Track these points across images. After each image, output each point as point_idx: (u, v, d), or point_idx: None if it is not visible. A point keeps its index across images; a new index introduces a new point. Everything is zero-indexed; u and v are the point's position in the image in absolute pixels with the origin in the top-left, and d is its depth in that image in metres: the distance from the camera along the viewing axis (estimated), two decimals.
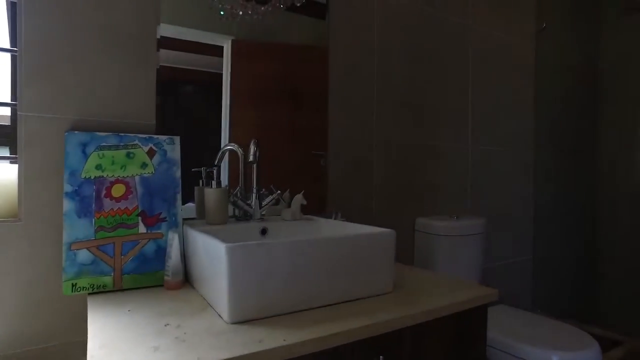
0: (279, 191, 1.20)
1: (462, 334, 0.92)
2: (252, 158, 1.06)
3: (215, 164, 1.25)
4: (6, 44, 0.96)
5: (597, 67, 2.53)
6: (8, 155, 0.97)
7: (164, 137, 1.06)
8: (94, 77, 1.03)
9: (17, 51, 0.95)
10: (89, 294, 0.91)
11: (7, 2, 0.96)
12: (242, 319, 0.74)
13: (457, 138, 1.82)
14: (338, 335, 0.70)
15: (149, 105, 1.10)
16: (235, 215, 1.20)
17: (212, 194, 1.08)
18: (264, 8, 1.23)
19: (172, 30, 1.14)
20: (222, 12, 1.17)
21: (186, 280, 1.00)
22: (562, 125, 2.33)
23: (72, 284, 0.89)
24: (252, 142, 1.09)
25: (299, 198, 1.22)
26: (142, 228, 0.99)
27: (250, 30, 1.26)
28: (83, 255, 0.91)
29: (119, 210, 0.97)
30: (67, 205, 0.91)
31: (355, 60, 1.50)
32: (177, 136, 1.07)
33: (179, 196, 1.05)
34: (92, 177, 0.95)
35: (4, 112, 0.97)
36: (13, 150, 0.97)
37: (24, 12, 0.95)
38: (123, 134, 1.01)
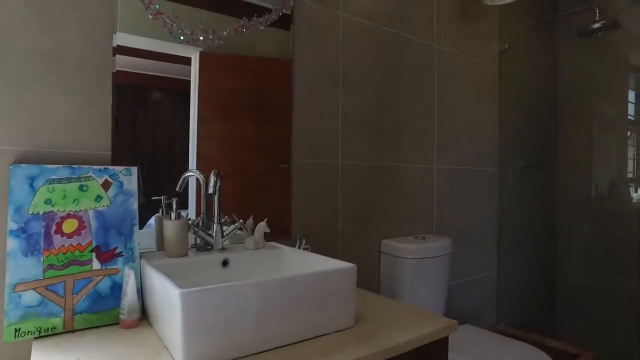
0: (241, 220, 1.18)
1: None
2: (211, 190, 1.04)
3: (177, 189, 1.22)
4: None
5: (556, 85, 2.64)
6: None
7: (121, 167, 1.02)
8: (42, 106, 0.98)
9: None
10: (35, 338, 0.86)
11: None
12: None
13: (422, 157, 1.85)
14: None
15: (104, 134, 1.06)
16: (196, 244, 1.17)
17: (171, 227, 1.06)
18: (226, 32, 1.22)
19: (138, 41, 1.11)
20: (181, 37, 1.14)
21: (144, 317, 0.97)
22: (526, 142, 2.41)
23: (15, 329, 0.85)
24: (212, 173, 1.07)
25: (262, 226, 1.21)
26: (96, 264, 0.95)
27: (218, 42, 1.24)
28: (29, 296, 0.87)
29: (71, 247, 0.93)
30: (11, 244, 0.87)
31: (319, 79, 1.50)
32: (134, 166, 1.04)
33: (136, 229, 1.01)
34: (41, 213, 0.91)
35: None
36: None
37: None
38: (76, 166, 0.97)
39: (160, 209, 1.16)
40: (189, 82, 1.21)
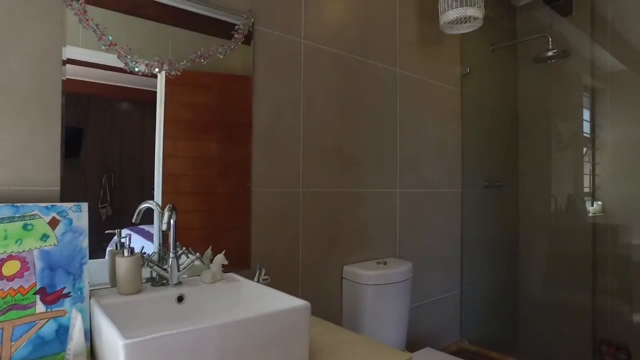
0: (198, 254, 1.16)
1: None
2: (165, 227, 1.02)
3: (133, 221, 1.19)
4: None
5: (516, 106, 2.74)
6: None
7: (70, 204, 0.99)
8: None
9: None
10: None
11: None
12: None
13: (385, 182, 1.87)
14: None
15: (52, 169, 1.03)
16: (152, 278, 1.15)
17: (123, 264, 1.03)
18: (183, 63, 1.21)
19: (104, 56, 1.09)
20: (137, 69, 1.12)
21: (93, 359, 0.93)
22: (487, 162, 2.48)
23: None
24: (166, 208, 1.05)
25: (220, 258, 1.19)
26: (40, 307, 0.91)
27: (184, 58, 1.24)
28: None
29: (12, 291, 0.88)
30: None
31: (280, 107, 1.50)
32: (85, 202, 1.01)
33: (86, 267, 0.98)
34: None
35: None
36: None
37: None
38: (20, 204, 0.93)
39: (115, 243, 1.13)
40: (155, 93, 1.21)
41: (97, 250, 1.12)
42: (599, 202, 2.53)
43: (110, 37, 1.08)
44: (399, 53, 1.93)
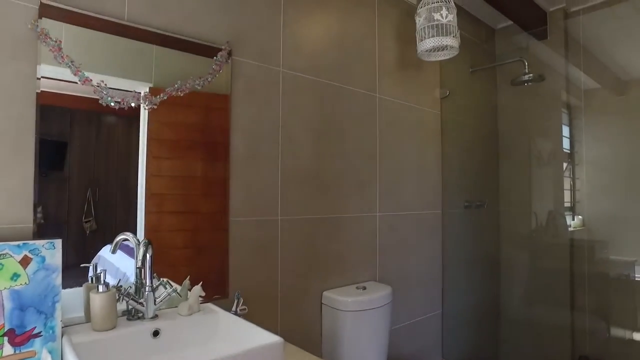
0: (175, 287, 1.16)
1: None
2: (139, 264, 1.02)
3: (110, 252, 1.19)
4: None
5: (496, 126, 2.80)
6: None
7: (43, 241, 0.98)
8: None
9: None
10: None
11: None
12: None
13: (364, 206, 1.88)
14: None
15: (23, 207, 1.02)
16: (128, 311, 1.14)
17: (97, 300, 1.02)
18: (159, 96, 1.22)
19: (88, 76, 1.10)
20: (112, 104, 1.13)
21: None
22: (468, 182, 2.53)
23: None
24: (141, 243, 1.05)
25: (197, 290, 1.19)
26: (8, 349, 0.90)
27: (168, 76, 1.25)
28: None
29: None
30: None
31: (258, 136, 1.51)
32: (59, 239, 1.00)
33: (59, 305, 0.97)
34: None
35: None
36: None
37: None
38: None
39: (90, 277, 1.13)
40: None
41: (78, 265, 1.11)
42: (579, 217, 2.59)
43: (86, 74, 1.08)
44: (378, 78, 1.96)
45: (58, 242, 1.00)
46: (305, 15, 1.66)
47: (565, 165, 2.70)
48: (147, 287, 1.11)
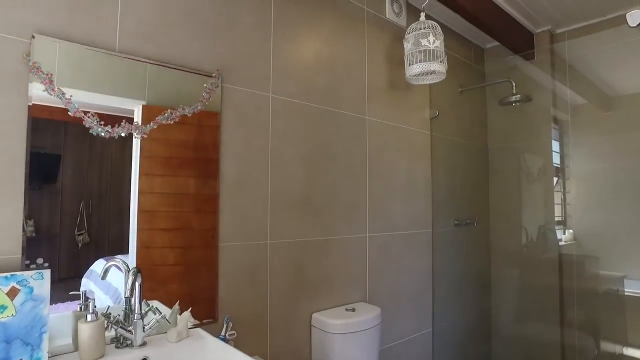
0: (163, 314, 1.16)
1: None
2: (127, 294, 1.03)
3: (100, 279, 1.20)
4: None
5: (486, 144, 2.84)
6: None
7: (31, 272, 0.99)
8: None
9: None
10: None
11: None
12: None
13: (354, 228, 1.89)
14: None
15: (12, 238, 1.02)
16: (117, 338, 1.14)
17: (85, 330, 1.03)
18: (150, 125, 1.23)
19: (79, 95, 1.11)
20: (103, 134, 1.15)
21: None
22: (458, 200, 2.55)
23: None
24: (130, 272, 1.06)
25: (186, 317, 1.20)
26: None
27: (161, 94, 1.27)
28: None
29: None
30: None
31: (248, 161, 1.52)
32: (47, 269, 1.01)
33: (46, 336, 0.98)
34: None
35: None
36: None
37: None
38: None
39: (79, 305, 1.13)
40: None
41: (69, 278, 1.12)
42: (570, 230, 2.62)
43: (77, 105, 1.10)
44: (367, 101, 1.99)
45: (47, 273, 1.01)
46: (294, 41, 1.69)
47: (555, 180, 2.74)
48: (135, 315, 1.11)
